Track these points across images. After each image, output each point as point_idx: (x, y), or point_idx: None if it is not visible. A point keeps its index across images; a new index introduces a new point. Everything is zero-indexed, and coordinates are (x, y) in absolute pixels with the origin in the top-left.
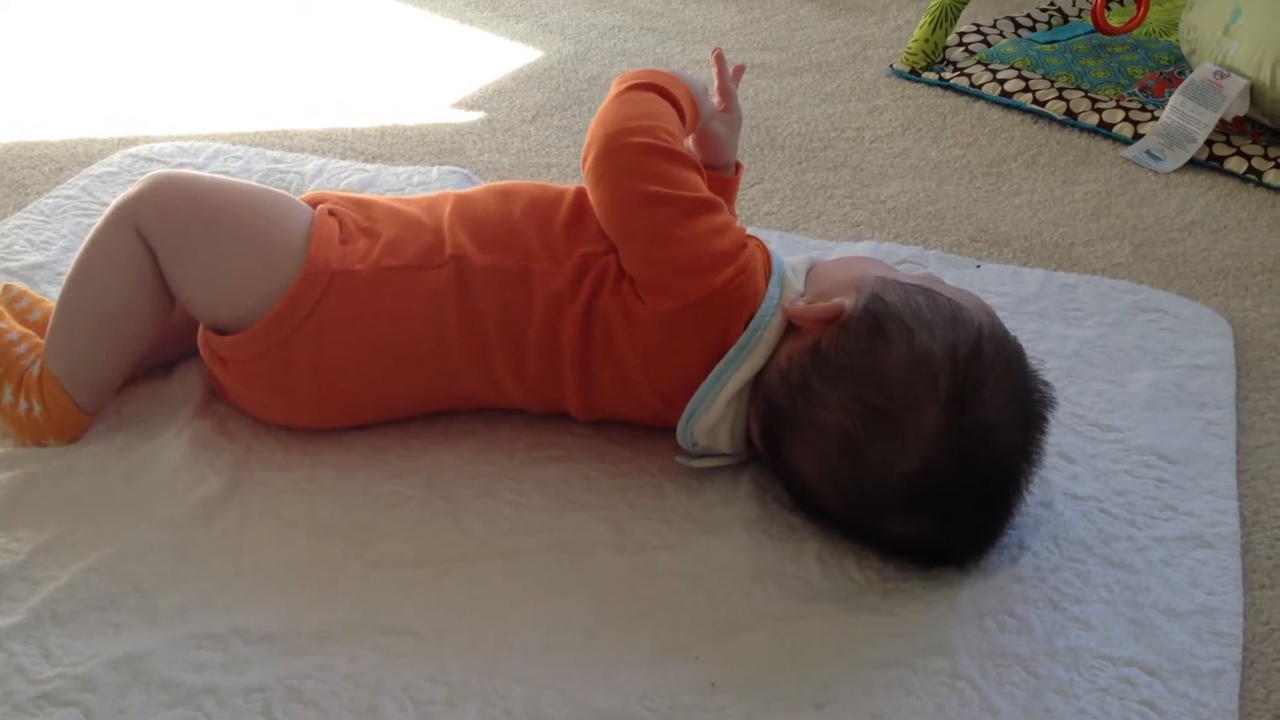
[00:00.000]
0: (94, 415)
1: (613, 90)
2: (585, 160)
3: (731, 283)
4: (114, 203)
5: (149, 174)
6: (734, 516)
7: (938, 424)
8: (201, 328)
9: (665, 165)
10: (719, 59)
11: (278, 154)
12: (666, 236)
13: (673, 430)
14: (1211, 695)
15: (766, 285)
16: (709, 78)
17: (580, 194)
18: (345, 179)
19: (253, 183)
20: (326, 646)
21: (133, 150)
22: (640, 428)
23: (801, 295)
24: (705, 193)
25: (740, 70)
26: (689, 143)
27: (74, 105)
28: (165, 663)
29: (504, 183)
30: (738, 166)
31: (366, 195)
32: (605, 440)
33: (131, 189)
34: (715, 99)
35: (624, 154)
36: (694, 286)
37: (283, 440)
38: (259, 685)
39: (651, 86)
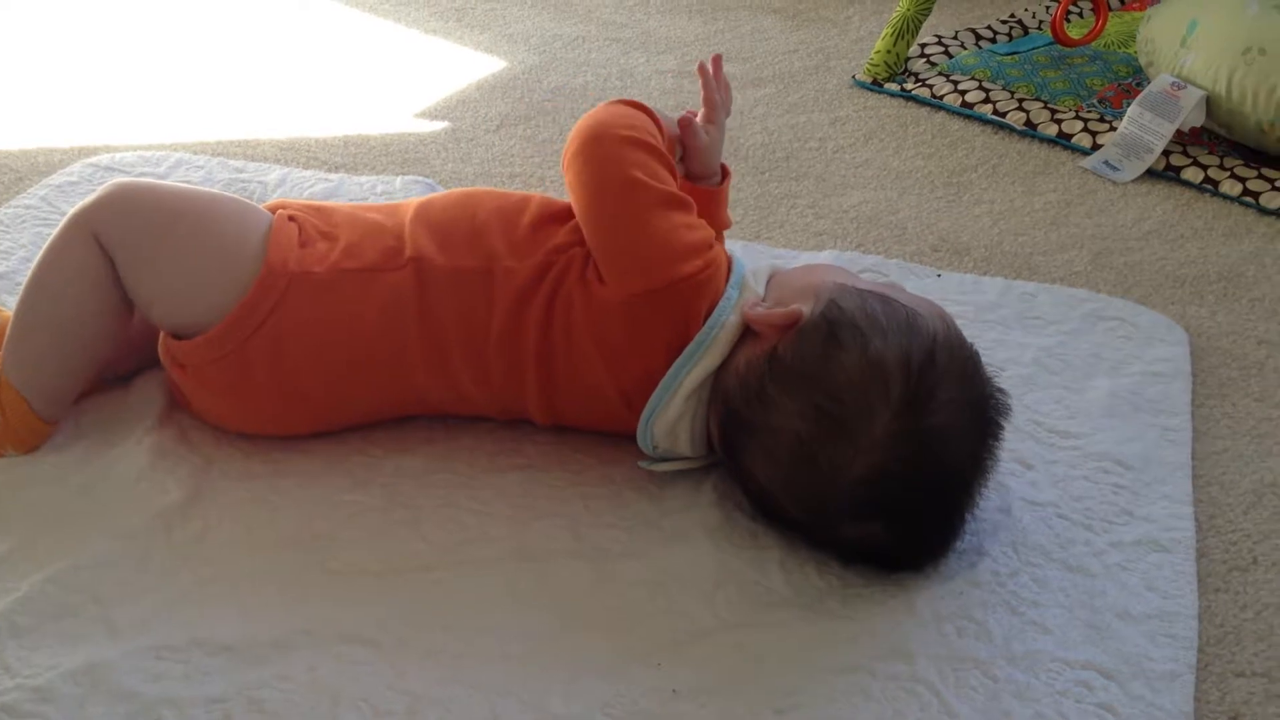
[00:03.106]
0: (53, 425)
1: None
2: (567, 153)
3: (698, 273)
4: (71, 211)
5: (107, 182)
6: (696, 523)
7: (889, 430)
8: (162, 334)
9: (646, 157)
10: (704, 70)
11: (240, 163)
12: (642, 220)
13: (634, 437)
14: (1166, 698)
15: (726, 286)
16: (670, 103)
17: (545, 201)
18: (308, 188)
19: (211, 189)
20: (287, 656)
21: (93, 160)
22: (602, 435)
23: (762, 301)
24: (679, 191)
25: (718, 60)
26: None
27: (34, 115)
28: (124, 674)
29: (466, 189)
30: (725, 174)
31: (326, 203)
32: (567, 448)
33: (89, 197)
34: (701, 110)
35: (610, 143)
36: (660, 272)
37: (244, 450)
38: (219, 695)
39: (633, 103)
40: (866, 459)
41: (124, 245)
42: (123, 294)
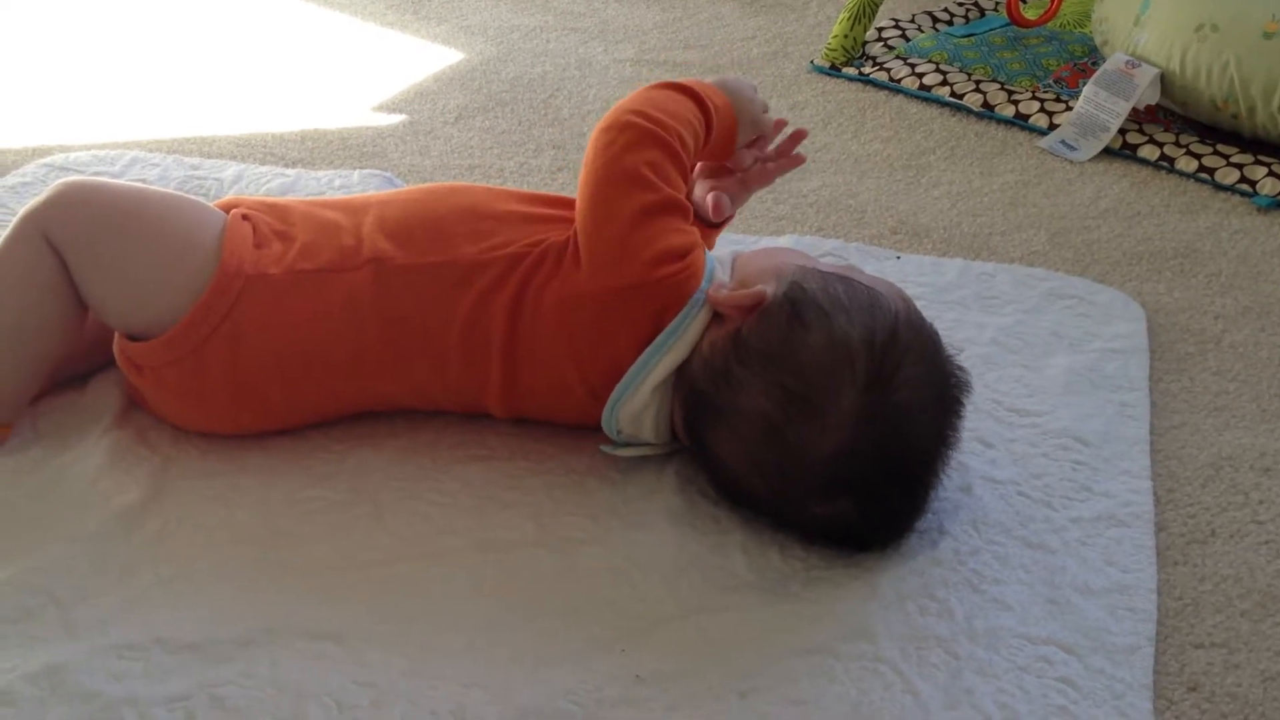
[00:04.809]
0: (8, 428)
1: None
2: (597, 126)
3: (675, 275)
4: (22, 211)
5: (57, 181)
6: (658, 510)
7: (856, 407)
8: (117, 335)
9: (662, 158)
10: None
11: (196, 160)
12: (632, 218)
13: (595, 428)
14: (1126, 671)
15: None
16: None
17: (519, 196)
18: (265, 184)
19: (164, 188)
20: (249, 653)
21: (47, 160)
22: (564, 426)
23: (725, 284)
24: (682, 197)
25: (801, 136)
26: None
27: None
28: (85, 674)
29: (426, 185)
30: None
31: (282, 199)
32: (529, 439)
33: (39, 197)
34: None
35: (633, 131)
36: (635, 274)
37: (203, 448)
38: (181, 694)
39: (689, 92)
40: (834, 437)
41: (75, 245)
42: (76, 295)
